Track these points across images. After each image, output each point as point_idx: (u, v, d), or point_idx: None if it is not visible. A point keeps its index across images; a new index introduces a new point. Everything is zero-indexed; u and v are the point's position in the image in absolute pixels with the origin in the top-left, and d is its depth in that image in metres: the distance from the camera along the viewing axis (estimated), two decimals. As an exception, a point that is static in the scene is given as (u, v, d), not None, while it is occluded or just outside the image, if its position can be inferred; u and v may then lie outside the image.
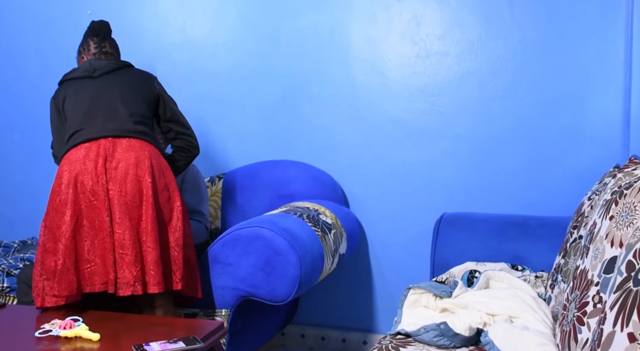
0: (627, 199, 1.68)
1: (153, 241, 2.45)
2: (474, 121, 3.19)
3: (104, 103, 2.67)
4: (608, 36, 2.95)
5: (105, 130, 2.58)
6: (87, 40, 2.90)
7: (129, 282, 2.41)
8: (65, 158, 2.56)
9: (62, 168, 2.53)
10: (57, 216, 2.48)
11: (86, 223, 2.45)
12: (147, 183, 2.49)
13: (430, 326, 2.01)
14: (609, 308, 1.40)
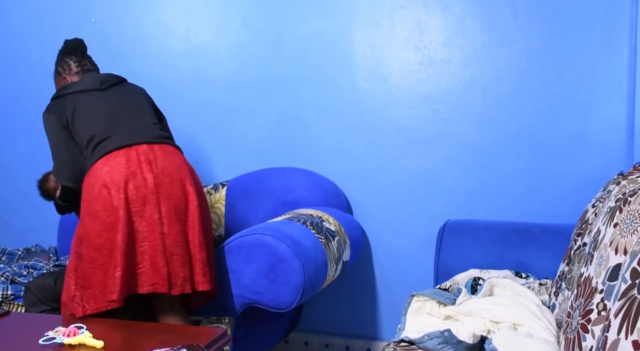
0: (631, 206, 1.68)
1: (200, 242, 2.53)
2: (478, 128, 3.19)
3: (124, 112, 2.69)
4: (612, 43, 2.95)
5: (138, 137, 2.60)
6: (65, 60, 2.88)
7: (178, 282, 2.48)
8: (99, 167, 2.53)
9: (99, 177, 2.50)
10: (106, 224, 2.44)
11: (138, 227, 2.46)
12: (190, 187, 2.56)
13: (434, 334, 2.01)
14: (613, 315, 1.40)
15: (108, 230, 2.42)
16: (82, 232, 2.48)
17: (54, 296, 2.95)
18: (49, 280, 2.99)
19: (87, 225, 2.47)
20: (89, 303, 2.42)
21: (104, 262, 2.41)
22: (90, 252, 2.43)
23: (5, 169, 4.17)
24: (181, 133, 3.53)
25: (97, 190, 2.47)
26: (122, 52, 3.74)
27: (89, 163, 2.56)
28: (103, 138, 2.59)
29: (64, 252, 3.72)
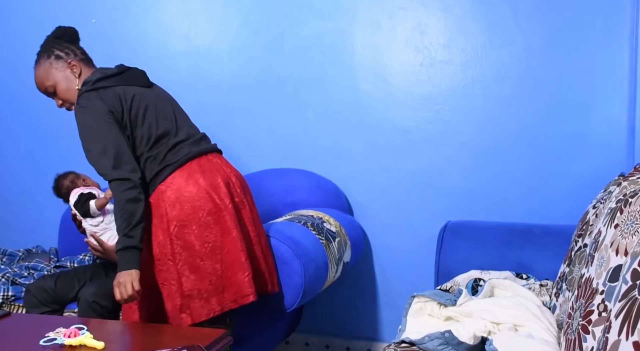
0: (632, 207, 1.68)
1: (268, 246, 2.61)
2: (479, 129, 3.19)
3: (181, 115, 2.62)
4: (613, 44, 2.95)
5: (206, 141, 2.62)
6: (67, 45, 2.62)
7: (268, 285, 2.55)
8: (195, 169, 2.45)
9: (199, 182, 2.42)
10: (223, 230, 2.41)
11: (243, 230, 2.49)
12: (251, 194, 2.64)
13: (435, 335, 2.01)
14: (614, 316, 1.40)
15: (225, 235, 2.41)
16: (186, 244, 2.39)
17: (55, 298, 2.95)
18: (49, 282, 2.99)
19: (195, 235, 2.39)
20: (206, 309, 2.40)
21: (226, 268, 2.40)
22: (209, 261, 2.39)
23: (6, 170, 4.17)
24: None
25: (202, 195, 2.40)
26: (123, 53, 3.73)
27: (167, 164, 2.45)
28: (183, 139, 2.51)
29: (65, 253, 3.71)
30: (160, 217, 2.41)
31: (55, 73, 2.57)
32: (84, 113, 2.42)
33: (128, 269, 2.26)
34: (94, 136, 2.39)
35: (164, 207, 2.40)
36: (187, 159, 2.46)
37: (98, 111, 2.40)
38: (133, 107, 2.45)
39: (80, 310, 2.81)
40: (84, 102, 2.42)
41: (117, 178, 2.30)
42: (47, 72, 2.58)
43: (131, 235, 2.26)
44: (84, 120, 2.42)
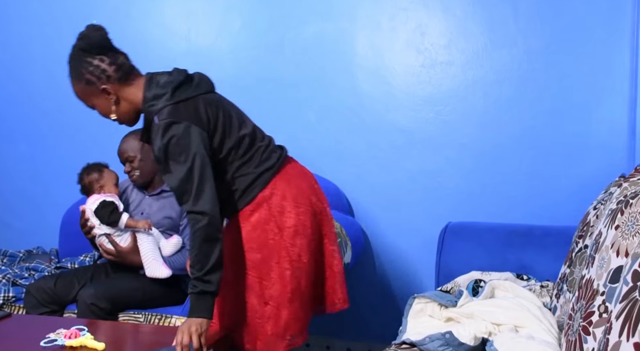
0: (632, 208, 1.68)
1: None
2: (479, 130, 3.19)
3: (246, 117, 2.39)
4: (614, 45, 2.95)
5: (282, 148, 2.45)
6: (97, 63, 2.23)
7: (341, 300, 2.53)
8: (289, 172, 2.34)
9: (302, 189, 2.32)
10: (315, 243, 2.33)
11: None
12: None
13: (436, 336, 2.01)
14: (614, 317, 1.40)
15: (315, 252, 2.34)
16: (293, 257, 2.24)
17: (54, 299, 2.95)
18: (49, 282, 2.99)
19: (300, 246, 2.26)
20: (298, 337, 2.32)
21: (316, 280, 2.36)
22: (305, 275, 2.29)
23: (6, 171, 4.17)
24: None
25: (304, 201, 2.31)
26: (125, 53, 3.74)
27: (265, 168, 2.29)
28: (267, 143, 2.36)
29: (65, 254, 3.71)
30: (267, 221, 2.24)
31: (90, 98, 2.28)
32: (183, 135, 2.12)
33: (200, 317, 2.03)
34: (177, 160, 2.12)
35: (273, 211, 2.24)
36: (281, 163, 2.33)
37: (195, 134, 2.13)
38: (219, 117, 2.22)
39: (79, 312, 2.81)
40: (175, 120, 2.13)
41: (196, 211, 2.08)
42: (83, 94, 2.29)
43: (207, 280, 2.04)
44: (180, 143, 2.12)
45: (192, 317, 2.03)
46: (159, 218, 3.11)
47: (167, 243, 3.01)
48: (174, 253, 3.00)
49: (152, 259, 2.90)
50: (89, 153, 3.78)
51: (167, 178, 2.17)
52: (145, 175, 3.14)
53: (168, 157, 2.12)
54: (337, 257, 2.43)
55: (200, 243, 2.06)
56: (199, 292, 2.04)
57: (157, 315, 2.87)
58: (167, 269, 2.89)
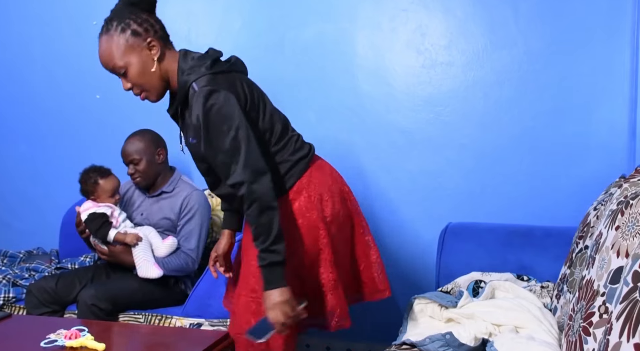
0: (633, 209, 1.68)
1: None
2: (480, 131, 3.18)
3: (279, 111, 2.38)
4: (614, 46, 2.95)
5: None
6: (145, 17, 2.19)
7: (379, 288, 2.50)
8: (320, 163, 2.33)
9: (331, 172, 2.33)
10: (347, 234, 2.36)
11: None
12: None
13: (436, 337, 2.01)
14: (615, 318, 1.40)
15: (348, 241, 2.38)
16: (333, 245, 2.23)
17: (55, 299, 2.96)
18: (50, 282, 2.99)
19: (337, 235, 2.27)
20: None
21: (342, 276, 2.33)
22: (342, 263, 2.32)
23: (7, 171, 4.17)
24: (183, 135, 3.54)
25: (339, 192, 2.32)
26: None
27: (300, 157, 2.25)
28: (297, 132, 2.35)
29: (66, 255, 3.71)
30: (309, 209, 2.19)
31: (129, 52, 2.09)
32: (221, 102, 2.02)
33: (277, 287, 1.99)
34: (220, 130, 2.02)
35: (313, 200, 2.20)
36: (313, 153, 2.33)
37: (232, 101, 2.04)
38: (255, 96, 2.18)
39: (79, 313, 2.81)
40: (213, 87, 2.03)
41: (247, 181, 1.99)
42: (119, 50, 2.09)
43: (273, 250, 1.98)
44: (221, 110, 2.02)
45: (270, 290, 1.99)
46: (158, 219, 3.12)
47: (162, 244, 3.02)
48: (168, 255, 3.01)
49: (143, 260, 2.91)
50: (89, 153, 3.78)
51: (209, 151, 2.06)
52: (148, 177, 3.15)
53: (209, 127, 2.02)
54: (373, 246, 2.50)
55: (258, 214, 1.99)
56: (268, 264, 1.99)
57: (157, 315, 2.87)
58: (158, 269, 2.90)
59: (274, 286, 1.99)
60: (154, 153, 3.12)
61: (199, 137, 2.06)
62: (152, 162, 3.11)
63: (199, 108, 2.01)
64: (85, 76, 3.79)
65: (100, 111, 3.84)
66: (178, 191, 3.15)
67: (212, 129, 2.02)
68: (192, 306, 2.84)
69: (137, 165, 3.09)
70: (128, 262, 2.96)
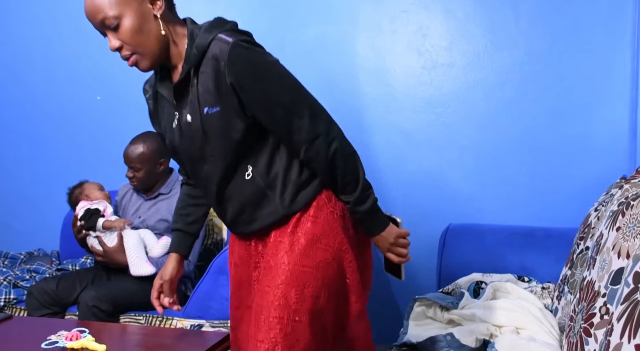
0: (634, 210, 1.68)
1: None
2: (480, 132, 3.18)
3: None
4: (615, 47, 2.95)
5: None
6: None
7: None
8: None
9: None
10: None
11: None
12: None
13: (437, 338, 2.01)
14: (616, 319, 1.40)
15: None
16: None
17: (56, 301, 2.96)
18: (51, 284, 2.99)
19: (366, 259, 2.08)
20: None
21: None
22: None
23: (8, 173, 4.17)
24: (184, 137, 3.53)
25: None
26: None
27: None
28: None
29: (66, 256, 3.72)
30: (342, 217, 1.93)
31: (126, 2, 1.74)
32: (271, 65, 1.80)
33: (384, 229, 1.93)
34: (270, 79, 1.77)
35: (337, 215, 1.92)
36: None
37: (260, 49, 1.83)
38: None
39: (80, 314, 2.81)
40: (243, 35, 1.85)
41: (322, 132, 1.84)
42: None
43: (368, 195, 1.86)
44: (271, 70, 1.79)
45: (378, 235, 1.93)
46: (155, 221, 3.12)
47: (157, 244, 3.02)
48: (163, 255, 3.01)
49: (136, 257, 2.93)
50: (90, 154, 3.80)
51: (261, 110, 1.76)
52: (145, 184, 3.16)
53: (259, 78, 1.75)
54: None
55: (343, 164, 1.85)
56: (370, 209, 1.86)
57: (158, 316, 2.87)
58: (151, 266, 2.91)
59: (380, 229, 1.92)
60: (155, 164, 3.12)
61: (227, 100, 1.74)
62: (152, 172, 3.12)
63: (239, 59, 1.72)
64: (86, 77, 3.80)
65: (101, 112, 3.84)
66: (175, 192, 3.15)
67: (263, 80, 1.74)
68: (193, 307, 2.84)
69: (137, 172, 3.10)
70: (122, 262, 2.96)
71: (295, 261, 1.78)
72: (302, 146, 1.80)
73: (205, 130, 1.77)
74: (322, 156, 1.82)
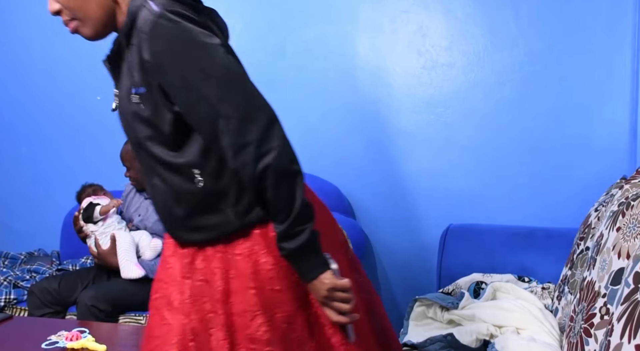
0: (634, 210, 1.68)
1: None
2: (480, 132, 3.18)
3: None
4: (615, 47, 2.94)
5: None
6: None
7: None
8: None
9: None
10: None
11: None
12: None
13: (437, 338, 2.01)
14: (616, 319, 1.40)
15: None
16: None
17: (57, 300, 2.96)
18: (52, 283, 2.99)
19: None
20: None
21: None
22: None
23: (8, 173, 4.17)
24: (184, 137, 3.53)
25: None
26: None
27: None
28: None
29: (67, 256, 3.71)
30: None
31: None
32: (181, 26, 1.42)
33: (318, 275, 1.46)
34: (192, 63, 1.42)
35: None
36: None
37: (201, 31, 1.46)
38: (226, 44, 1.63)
39: (79, 314, 2.81)
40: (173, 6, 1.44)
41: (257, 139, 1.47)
42: None
43: (300, 230, 1.44)
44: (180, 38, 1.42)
45: (309, 282, 1.48)
46: (152, 222, 3.12)
47: (147, 246, 3.02)
48: (155, 257, 3.01)
49: (125, 260, 2.93)
50: (90, 154, 3.79)
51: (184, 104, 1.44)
52: (140, 184, 3.16)
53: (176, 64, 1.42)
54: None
55: (273, 186, 1.44)
56: (295, 251, 1.45)
57: (159, 317, 2.87)
58: (140, 269, 2.91)
59: (314, 274, 1.47)
60: None
61: (151, 82, 1.44)
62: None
63: (160, 35, 1.40)
64: (86, 77, 3.79)
65: (101, 112, 3.82)
66: None
67: (185, 65, 1.41)
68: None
69: (129, 171, 3.12)
70: (114, 265, 2.96)
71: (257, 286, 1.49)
72: (228, 154, 1.43)
73: (132, 112, 1.51)
74: (248, 171, 1.43)
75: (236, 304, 1.47)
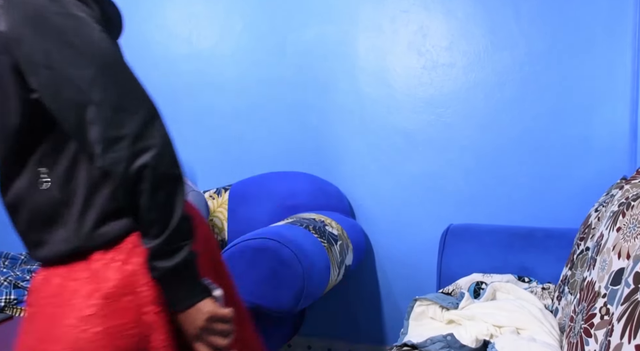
0: (634, 211, 1.68)
1: None
2: (481, 132, 3.18)
3: None
4: (615, 47, 2.94)
5: None
6: None
7: None
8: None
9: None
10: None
11: None
12: None
13: (437, 338, 2.01)
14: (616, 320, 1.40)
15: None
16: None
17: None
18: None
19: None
20: None
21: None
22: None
23: (9, 173, 4.17)
24: (184, 137, 3.53)
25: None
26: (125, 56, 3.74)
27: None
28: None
29: (67, 256, 3.71)
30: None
31: None
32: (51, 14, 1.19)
33: (196, 303, 1.31)
34: (79, 50, 1.21)
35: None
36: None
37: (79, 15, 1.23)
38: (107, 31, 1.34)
39: None
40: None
41: (128, 135, 1.22)
42: None
43: (178, 248, 1.27)
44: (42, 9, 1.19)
45: (182, 312, 1.31)
46: None
47: None
48: None
49: None
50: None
51: (45, 86, 1.21)
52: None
53: (37, 37, 1.19)
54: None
55: (150, 190, 1.23)
56: (168, 272, 1.27)
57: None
58: None
59: (190, 301, 1.31)
60: None
61: (2, 60, 1.23)
62: None
63: (18, 3, 1.19)
64: (87, 78, 3.79)
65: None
66: None
67: (47, 39, 1.19)
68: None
69: None
70: None
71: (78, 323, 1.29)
72: (96, 150, 1.21)
73: None
74: (120, 170, 1.21)
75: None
